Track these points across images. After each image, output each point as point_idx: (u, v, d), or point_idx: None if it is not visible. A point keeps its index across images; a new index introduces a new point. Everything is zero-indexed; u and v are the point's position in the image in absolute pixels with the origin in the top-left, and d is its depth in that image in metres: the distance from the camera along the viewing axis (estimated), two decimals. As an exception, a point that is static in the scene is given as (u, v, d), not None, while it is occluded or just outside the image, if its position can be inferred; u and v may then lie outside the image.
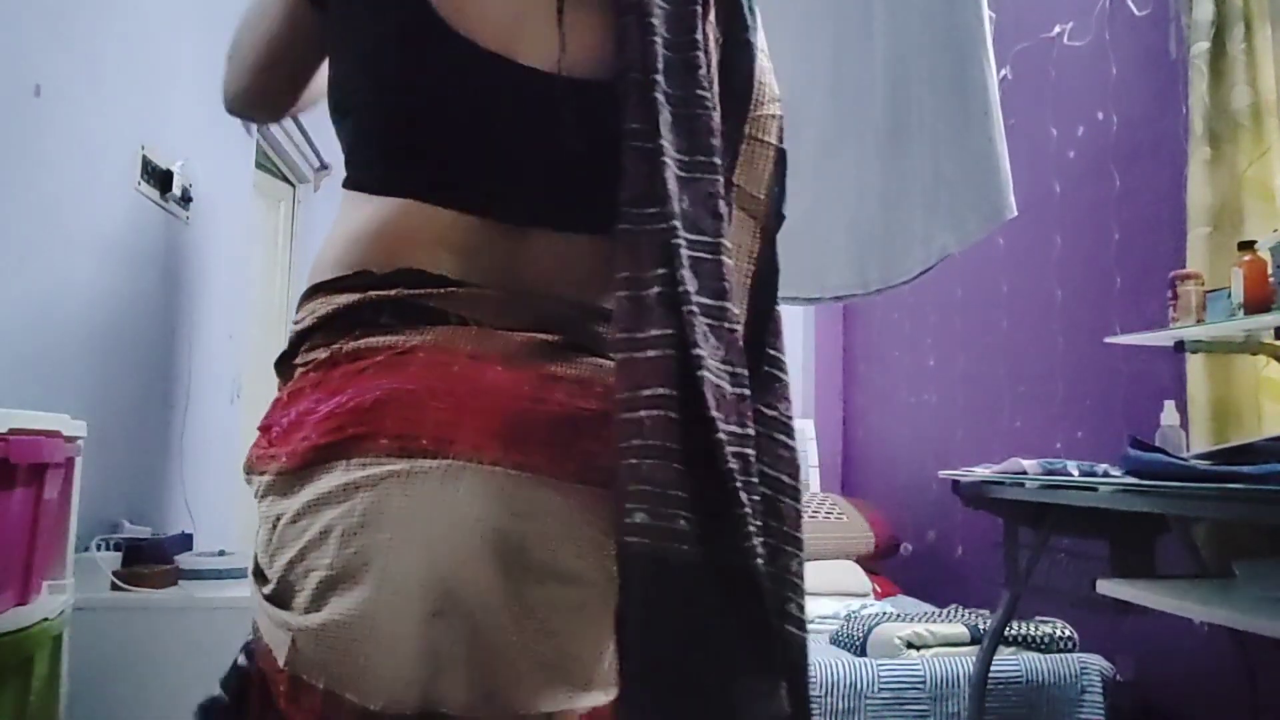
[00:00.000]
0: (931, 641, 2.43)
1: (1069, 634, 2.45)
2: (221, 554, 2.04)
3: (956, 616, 2.60)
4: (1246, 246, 1.91)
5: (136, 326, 2.15)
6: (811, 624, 2.83)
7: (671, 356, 0.68)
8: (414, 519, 0.67)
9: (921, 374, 3.76)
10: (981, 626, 2.43)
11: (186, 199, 2.32)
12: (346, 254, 0.76)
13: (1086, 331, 2.68)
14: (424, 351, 0.71)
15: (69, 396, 1.77)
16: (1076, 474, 1.91)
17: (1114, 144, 2.65)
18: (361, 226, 0.76)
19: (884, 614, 2.70)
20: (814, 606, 2.91)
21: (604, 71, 0.76)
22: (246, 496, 0.84)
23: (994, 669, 2.22)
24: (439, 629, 0.67)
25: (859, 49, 2.15)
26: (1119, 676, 2.29)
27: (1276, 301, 1.83)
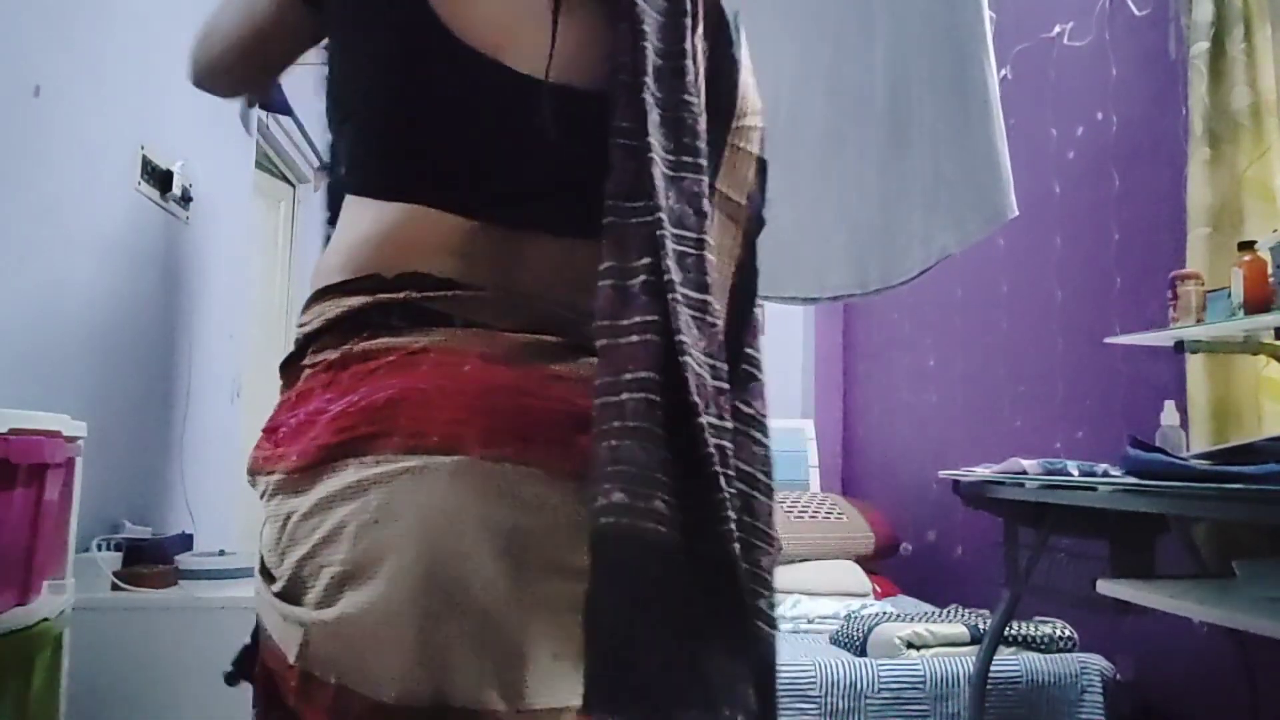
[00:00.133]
0: (931, 641, 2.43)
1: (1069, 634, 2.45)
2: (221, 554, 2.04)
3: (956, 616, 2.60)
4: (1246, 246, 1.91)
5: (136, 326, 2.15)
6: (811, 624, 2.86)
7: (655, 342, 0.69)
8: (427, 514, 0.68)
9: (921, 374, 3.76)
10: (981, 626, 2.43)
11: (186, 199, 2.32)
12: (353, 258, 0.77)
13: (1086, 331, 2.68)
14: (435, 352, 0.73)
15: (69, 396, 1.77)
16: (1076, 474, 1.91)
17: (1114, 144, 2.65)
18: (367, 231, 0.78)
19: (884, 614, 2.70)
20: (814, 606, 2.91)
21: (597, 79, 0.78)
22: (247, 496, 0.84)
23: (994, 669, 2.22)
24: (451, 623, 0.68)
25: (859, 49, 2.15)
26: (1119, 676, 2.29)
27: (1276, 301, 1.83)
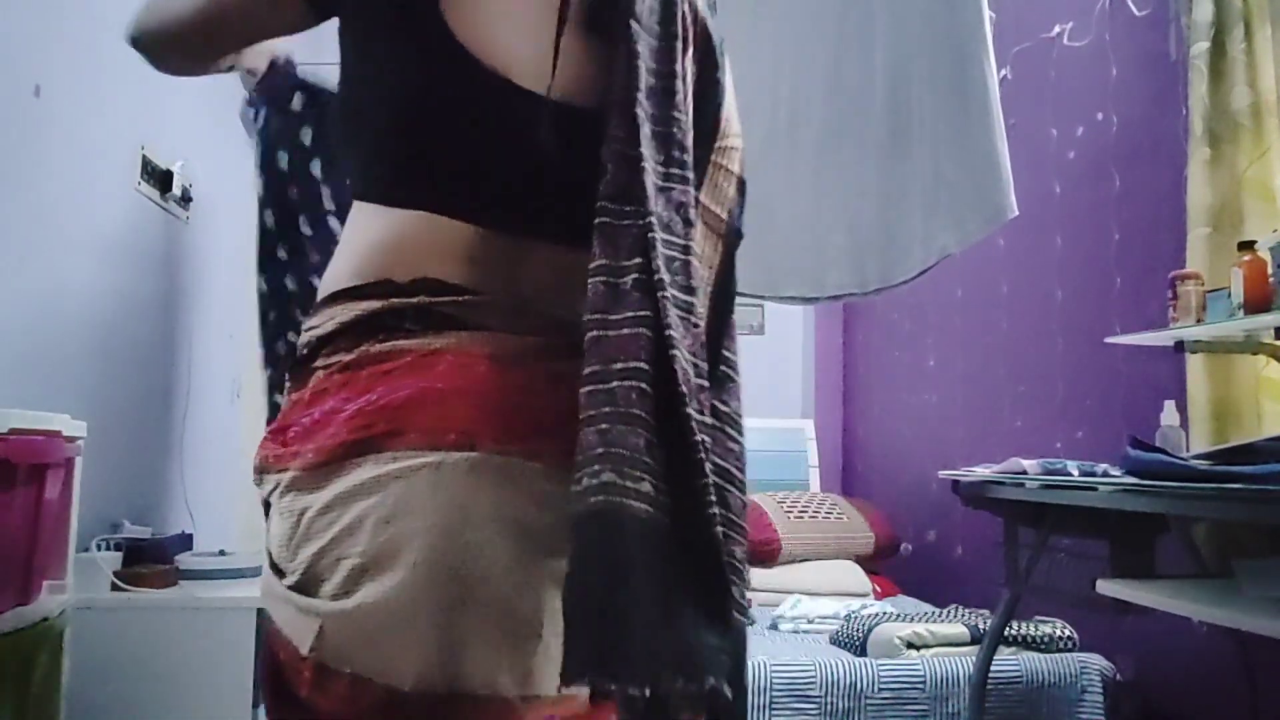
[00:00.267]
0: (931, 641, 2.43)
1: (1069, 634, 2.45)
2: (221, 554, 2.04)
3: (956, 616, 2.60)
4: (1246, 246, 1.91)
5: (136, 326, 2.15)
6: (811, 624, 2.86)
7: (646, 335, 0.72)
8: (445, 508, 0.71)
9: (922, 374, 3.76)
10: (981, 626, 2.43)
11: (186, 199, 2.32)
12: (366, 263, 0.80)
13: (1086, 331, 2.68)
14: (449, 354, 0.76)
15: (69, 396, 1.77)
16: (1076, 474, 1.91)
17: (1114, 144, 2.65)
18: (380, 237, 0.81)
19: (884, 614, 2.70)
20: (814, 606, 2.91)
21: (595, 97, 0.81)
22: (247, 496, 0.84)
23: (994, 669, 2.22)
24: (469, 612, 0.70)
25: (859, 49, 2.15)
26: (1119, 676, 2.29)
27: (1276, 301, 1.83)
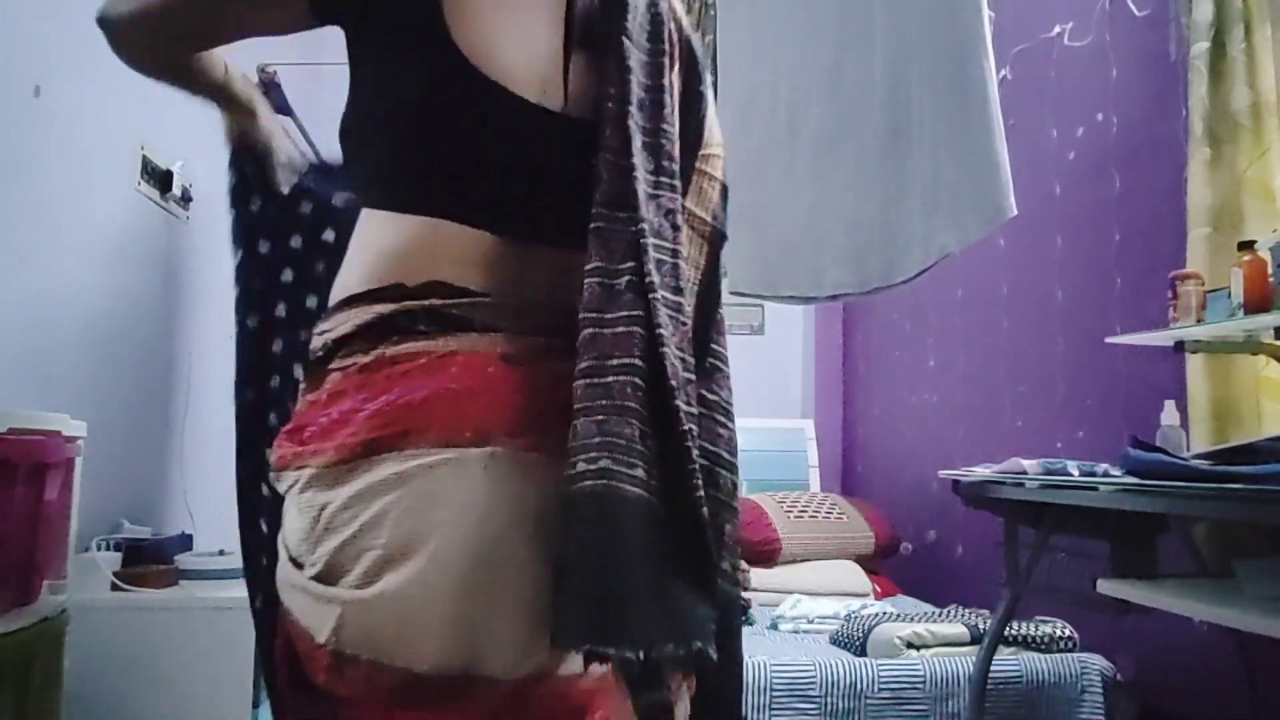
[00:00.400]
0: (931, 641, 2.43)
1: (1069, 634, 2.45)
2: (221, 554, 2.04)
3: (956, 616, 2.60)
4: (1246, 246, 1.91)
5: (136, 326, 2.15)
6: (811, 624, 2.86)
7: (639, 334, 0.78)
8: (464, 500, 0.76)
9: (922, 374, 3.76)
10: (981, 626, 2.43)
11: (186, 199, 2.32)
12: (378, 268, 0.84)
13: (1087, 331, 2.67)
14: (462, 355, 0.80)
15: (69, 396, 1.77)
16: (1077, 474, 1.91)
17: (1114, 145, 2.65)
18: (391, 244, 0.85)
19: (884, 614, 2.70)
20: (814, 606, 2.91)
21: (590, 108, 0.87)
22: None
23: (994, 669, 2.22)
24: (487, 597, 0.75)
25: (859, 49, 2.15)
26: (1119, 676, 2.28)
27: (1276, 301, 1.83)
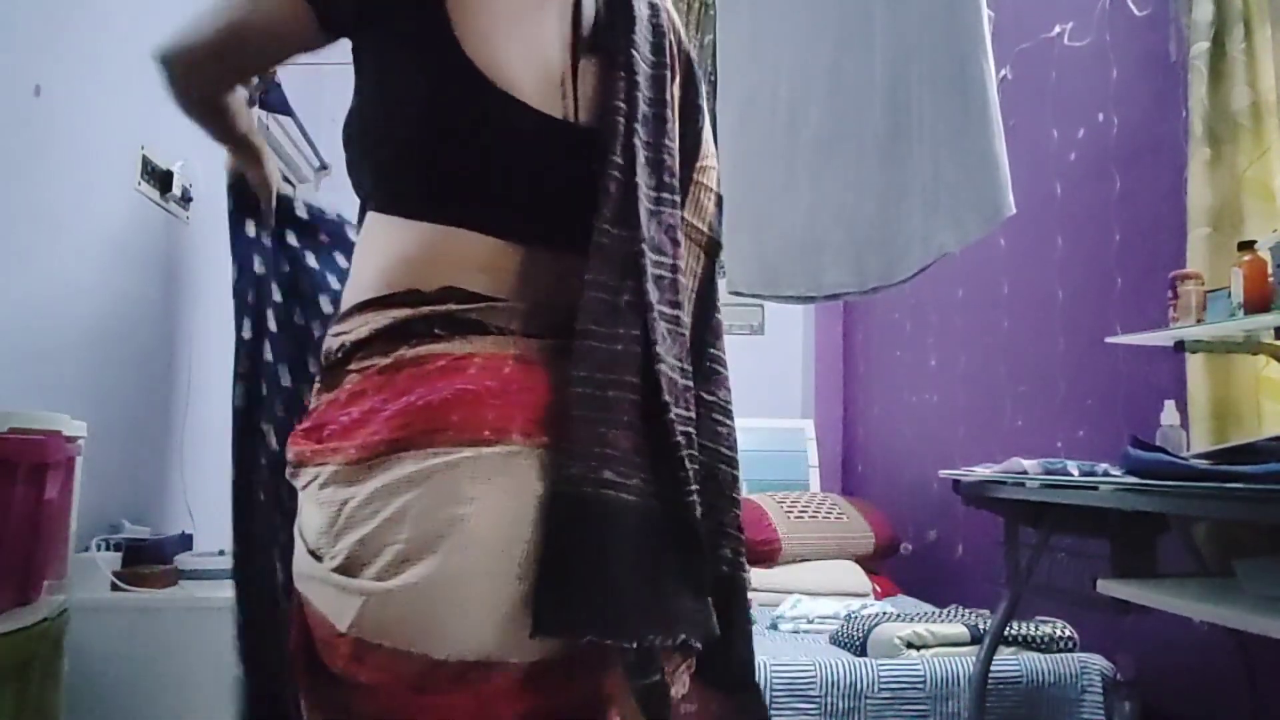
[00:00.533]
0: (931, 641, 2.43)
1: (1069, 634, 2.45)
2: (221, 554, 2.04)
3: (956, 616, 2.60)
4: (1246, 246, 1.91)
5: (136, 326, 2.15)
6: (811, 624, 2.86)
7: (637, 353, 0.85)
8: (484, 496, 0.79)
9: (922, 374, 3.76)
10: (981, 626, 2.43)
11: (186, 199, 2.32)
12: (393, 274, 0.87)
13: (1087, 331, 2.67)
14: (479, 357, 0.84)
15: (69, 396, 1.77)
16: (1077, 474, 1.91)
17: (1114, 145, 2.65)
18: (405, 250, 0.88)
19: (884, 614, 2.70)
20: (814, 606, 2.91)
21: (594, 118, 0.91)
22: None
23: (994, 669, 2.22)
24: (505, 588, 0.78)
25: (859, 49, 2.14)
26: (1119, 676, 2.28)
27: (1276, 301, 1.83)
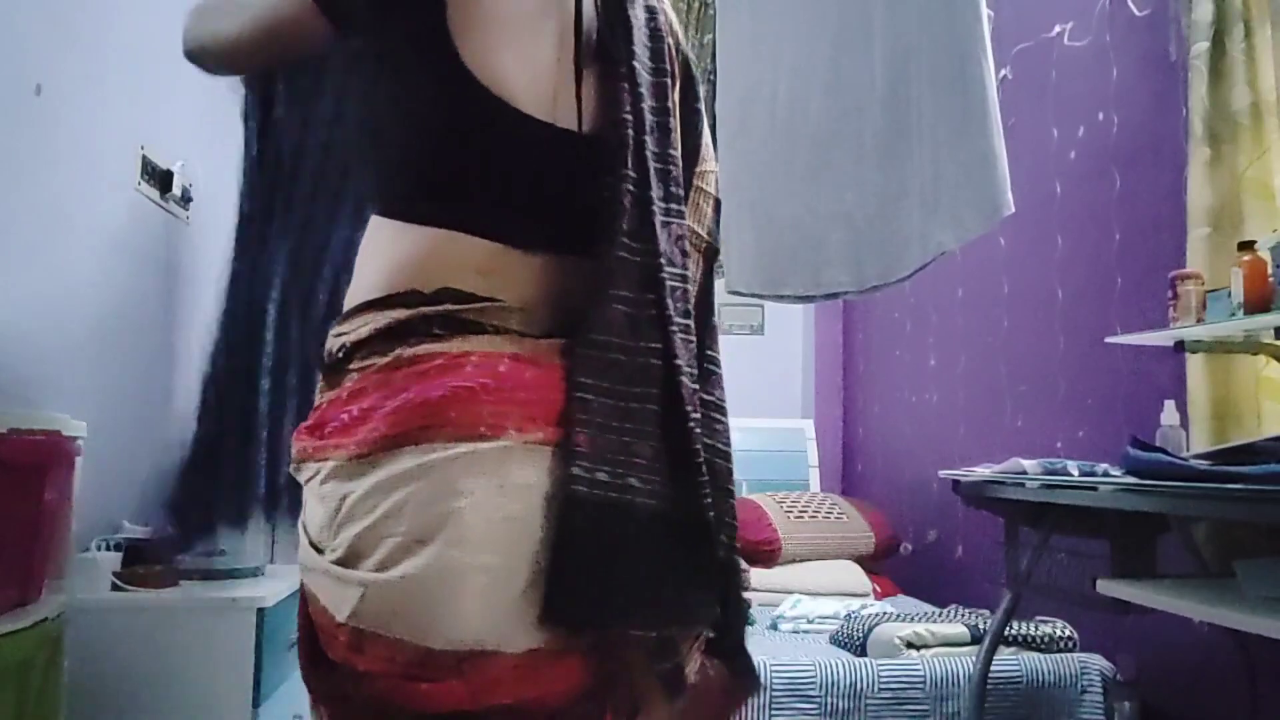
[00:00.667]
0: (931, 641, 2.43)
1: (1069, 634, 2.45)
2: (221, 554, 2.04)
3: (956, 616, 2.60)
4: (1246, 246, 1.91)
5: (136, 326, 2.15)
6: (811, 624, 2.86)
7: (659, 365, 0.89)
8: (480, 489, 0.81)
9: (922, 374, 3.76)
10: (981, 626, 2.43)
11: (186, 199, 2.32)
12: (393, 276, 0.90)
13: (1087, 331, 2.67)
14: (475, 356, 0.86)
15: (69, 396, 1.77)
16: (1077, 474, 1.91)
17: (1115, 145, 2.65)
18: (405, 253, 0.90)
19: (884, 614, 2.70)
20: (814, 606, 2.91)
21: (594, 125, 0.93)
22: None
23: (994, 669, 2.22)
24: (498, 581, 0.80)
25: (858, 48, 2.14)
26: (1119, 676, 2.28)
27: (1276, 301, 1.83)
